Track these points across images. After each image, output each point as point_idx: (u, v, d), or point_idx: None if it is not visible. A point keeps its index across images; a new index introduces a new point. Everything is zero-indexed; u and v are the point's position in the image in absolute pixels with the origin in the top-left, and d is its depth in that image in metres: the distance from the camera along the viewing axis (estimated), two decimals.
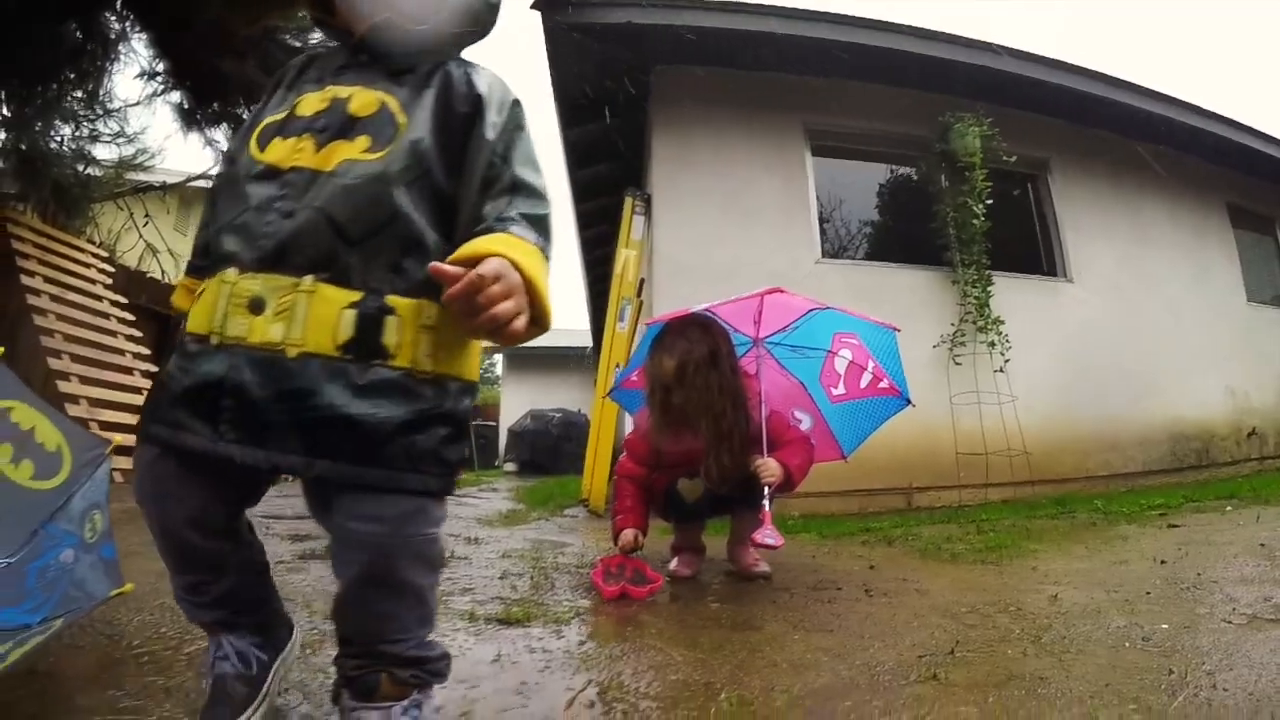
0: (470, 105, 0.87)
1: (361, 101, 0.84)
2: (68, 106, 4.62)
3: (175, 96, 4.83)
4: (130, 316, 5.00)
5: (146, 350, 4.88)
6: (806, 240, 4.54)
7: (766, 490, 1.91)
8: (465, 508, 4.50)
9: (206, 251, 0.88)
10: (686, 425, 1.92)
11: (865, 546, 2.70)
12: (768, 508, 1.91)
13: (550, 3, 4.02)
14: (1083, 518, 3.27)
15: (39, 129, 4.49)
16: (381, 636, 0.81)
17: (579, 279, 9.16)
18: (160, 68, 4.59)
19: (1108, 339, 4.98)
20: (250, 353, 0.75)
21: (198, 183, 6.52)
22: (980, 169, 4.58)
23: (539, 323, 0.76)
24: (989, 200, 4.60)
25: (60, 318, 4.29)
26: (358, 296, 0.77)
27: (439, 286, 0.72)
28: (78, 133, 4.84)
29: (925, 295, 4.62)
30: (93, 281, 4.90)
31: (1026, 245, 5.23)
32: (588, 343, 10.90)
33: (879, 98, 4.82)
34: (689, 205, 4.43)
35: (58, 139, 4.72)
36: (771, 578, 2.05)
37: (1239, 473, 5.19)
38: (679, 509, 2.12)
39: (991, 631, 1.45)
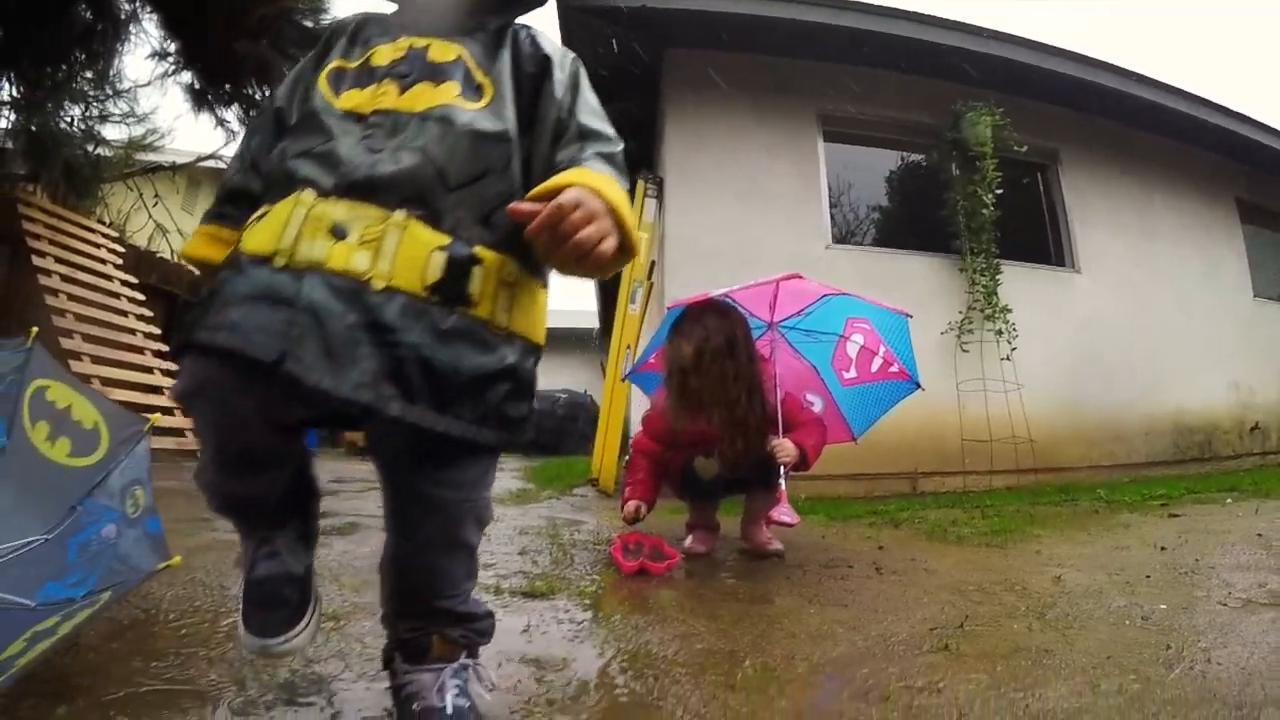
0: (537, 65, 0.89)
1: (440, 49, 0.85)
2: (78, 87, 4.61)
3: (186, 77, 4.84)
4: (141, 296, 5.02)
5: (157, 330, 4.90)
6: (817, 226, 4.55)
7: (783, 470, 1.97)
8: None
9: (235, 198, 0.88)
10: (702, 410, 1.97)
11: (873, 528, 2.76)
12: (783, 487, 1.97)
13: None
14: (1086, 505, 3.32)
15: (49, 110, 4.48)
16: (438, 593, 0.85)
17: None
18: (172, 48, 4.59)
19: (1114, 330, 5.00)
20: (328, 278, 0.71)
21: (207, 163, 6.53)
22: (991, 158, 4.57)
23: (624, 248, 0.75)
24: (999, 189, 4.60)
25: (71, 298, 4.31)
26: (446, 240, 0.75)
27: (523, 243, 0.73)
28: (88, 113, 4.84)
29: (934, 282, 4.64)
30: (103, 261, 4.91)
31: (1035, 235, 5.23)
32: (594, 324, 10.87)
33: (891, 85, 4.80)
34: (701, 189, 4.44)
35: (68, 119, 4.72)
36: (784, 555, 2.11)
37: (1240, 466, 5.23)
38: (694, 487, 2.18)
39: (998, 608, 1.51)
